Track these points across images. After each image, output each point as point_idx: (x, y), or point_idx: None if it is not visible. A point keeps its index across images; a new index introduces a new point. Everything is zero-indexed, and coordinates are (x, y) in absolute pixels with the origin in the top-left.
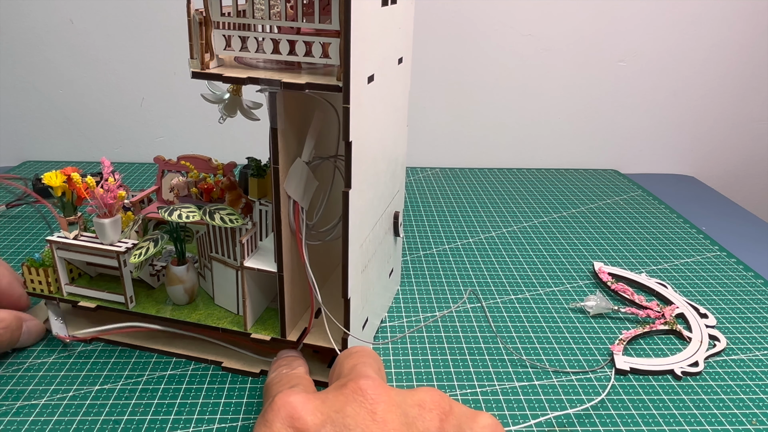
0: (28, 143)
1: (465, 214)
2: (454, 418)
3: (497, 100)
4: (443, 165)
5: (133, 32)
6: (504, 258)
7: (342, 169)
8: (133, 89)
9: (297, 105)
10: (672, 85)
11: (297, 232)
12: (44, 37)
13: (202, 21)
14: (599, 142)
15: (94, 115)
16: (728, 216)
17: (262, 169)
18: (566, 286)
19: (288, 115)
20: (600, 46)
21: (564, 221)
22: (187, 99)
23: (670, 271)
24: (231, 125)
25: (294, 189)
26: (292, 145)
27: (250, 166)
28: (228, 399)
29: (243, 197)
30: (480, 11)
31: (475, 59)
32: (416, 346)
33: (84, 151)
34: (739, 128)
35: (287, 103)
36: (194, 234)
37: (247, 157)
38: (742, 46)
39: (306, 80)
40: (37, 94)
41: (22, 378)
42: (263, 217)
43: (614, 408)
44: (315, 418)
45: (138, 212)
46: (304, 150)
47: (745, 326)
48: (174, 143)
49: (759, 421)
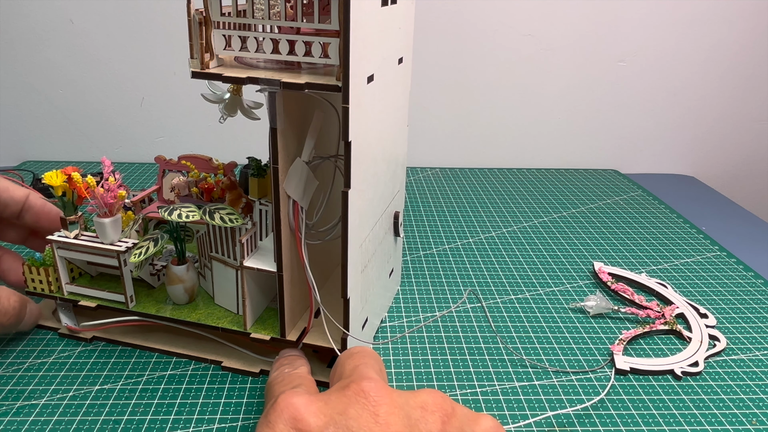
0: (28, 143)
1: (465, 214)
2: (456, 420)
3: (497, 100)
4: (443, 165)
5: (133, 32)
6: (504, 258)
7: (342, 169)
8: (133, 89)
9: (297, 105)
10: (672, 85)
11: (297, 231)
12: (44, 37)
13: (202, 21)
14: (599, 142)
15: (94, 115)
16: (728, 216)
17: (262, 168)
18: (566, 286)
19: (288, 115)
20: (600, 46)
21: (564, 221)
22: (187, 99)
23: (670, 271)
24: (231, 125)
25: (294, 189)
26: (292, 144)
27: (250, 165)
28: (228, 399)
29: (243, 197)
30: (480, 11)
31: (475, 59)
32: (416, 346)
33: (84, 151)
34: (739, 128)
35: (287, 102)
36: (194, 233)
37: (248, 157)
38: (742, 46)
39: (306, 80)
40: (37, 94)
41: (22, 378)
42: (263, 217)
43: (614, 408)
44: (318, 420)
45: (138, 212)
46: (303, 150)
47: (745, 326)
48: (174, 143)
49: (759, 421)
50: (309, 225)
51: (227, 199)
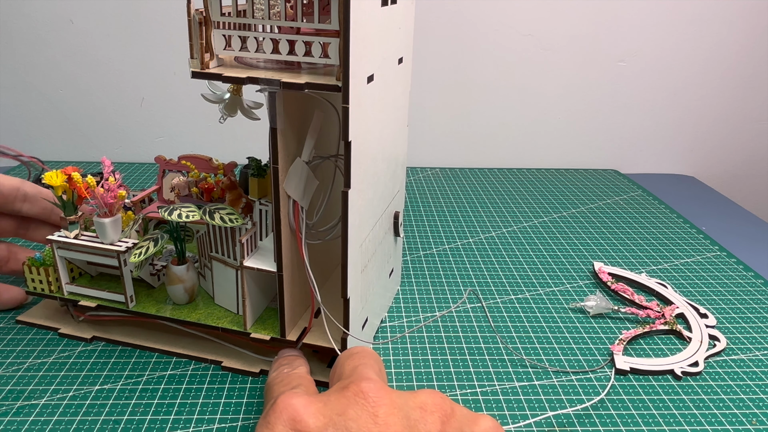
0: (28, 143)
1: (465, 214)
2: (456, 421)
3: (497, 100)
4: (443, 165)
5: (133, 32)
6: (504, 258)
7: (342, 169)
8: (133, 89)
9: (297, 105)
10: (672, 85)
11: (297, 231)
12: (44, 37)
13: (202, 21)
14: (599, 142)
15: (94, 115)
16: (728, 216)
17: (262, 168)
18: (566, 286)
19: (288, 115)
20: (600, 46)
21: (564, 221)
22: (187, 99)
23: (670, 271)
24: (231, 125)
25: (294, 188)
26: (292, 144)
27: (250, 165)
28: (228, 399)
29: (243, 197)
30: (480, 11)
31: (475, 59)
32: (416, 346)
33: (84, 151)
34: (739, 128)
35: (287, 102)
36: (194, 233)
37: (248, 157)
38: (742, 46)
39: (305, 80)
40: (37, 94)
41: (22, 378)
42: (263, 217)
43: (614, 408)
44: (317, 421)
45: (138, 212)
46: (303, 149)
47: (745, 326)
48: (174, 143)
49: (759, 421)
50: (309, 225)
51: (227, 199)
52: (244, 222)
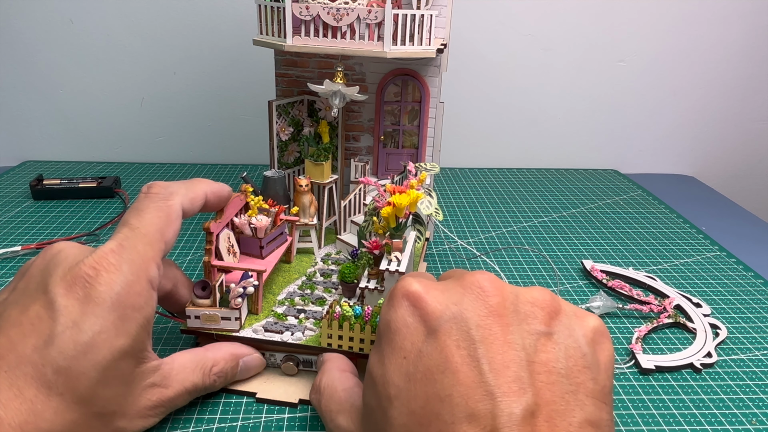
0: (28, 143)
1: (465, 215)
2: (564, 317)
3: (497, 100)
4: (443, 165)
5: (133, 32)
6: (504, 258)
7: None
8: (133, 89)
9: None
10: (672, 85)
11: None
12: (44, 37)
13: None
14: (599, 142)
15: (94, 115)
16: (728, 216)
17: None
18: (566, 286)
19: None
20: (600, 46)
21: (564, 221)
22: (187, 99)
23: (670, 271)
24: (231, 125)
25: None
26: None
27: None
28: (228, 399)
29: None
30: (480, 11)
31: (475, 59)
32: None
33: (84, 151)
34: (739, 128)
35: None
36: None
37: (241, 176)
38: (742, 46)
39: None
40: (37, 94)
41: None
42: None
43: (614, 408)
44: (437, 305)
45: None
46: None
47: (745, 326)
48: (174, 143)
49: (759, 421)
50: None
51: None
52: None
